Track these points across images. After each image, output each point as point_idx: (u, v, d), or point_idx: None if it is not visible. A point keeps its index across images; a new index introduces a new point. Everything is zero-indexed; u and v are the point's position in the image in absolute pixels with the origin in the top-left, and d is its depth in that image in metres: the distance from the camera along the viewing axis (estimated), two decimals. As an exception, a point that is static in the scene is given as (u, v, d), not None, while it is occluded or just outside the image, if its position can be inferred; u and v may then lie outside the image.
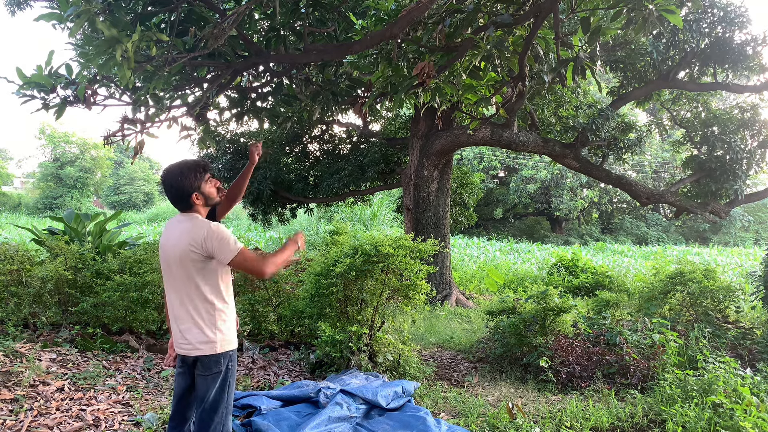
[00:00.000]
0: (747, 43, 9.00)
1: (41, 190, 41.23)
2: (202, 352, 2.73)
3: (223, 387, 2.79)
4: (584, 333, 6.03)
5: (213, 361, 2.75)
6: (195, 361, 2.77)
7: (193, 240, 2.68)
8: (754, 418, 3.93)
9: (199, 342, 2.73)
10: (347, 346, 5.24)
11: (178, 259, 2.72)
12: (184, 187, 2.76)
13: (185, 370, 2.83)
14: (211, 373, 2.74)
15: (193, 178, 2.79)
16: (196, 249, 2.68)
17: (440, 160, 10.50)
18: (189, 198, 2.78)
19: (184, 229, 2.73)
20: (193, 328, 2.74)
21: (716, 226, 32.17)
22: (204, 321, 2.74)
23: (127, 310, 6.13)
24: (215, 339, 2.75)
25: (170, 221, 2.91)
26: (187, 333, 2.75)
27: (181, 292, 2.76)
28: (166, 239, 2.83)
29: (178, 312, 2.78)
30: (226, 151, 12.91)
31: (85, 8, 2.36)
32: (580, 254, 14.39)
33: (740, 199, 10.08)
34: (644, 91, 10.22)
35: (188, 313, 2.75)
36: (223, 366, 2.78)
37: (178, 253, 2.71)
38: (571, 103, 10.98)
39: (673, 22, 3.31)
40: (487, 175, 31.70)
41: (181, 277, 2.74)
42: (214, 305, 2.76)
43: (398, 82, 3.93)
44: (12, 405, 4.09)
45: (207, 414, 2.76)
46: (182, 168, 2.81)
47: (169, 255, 2.77)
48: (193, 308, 2.74)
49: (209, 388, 2.75)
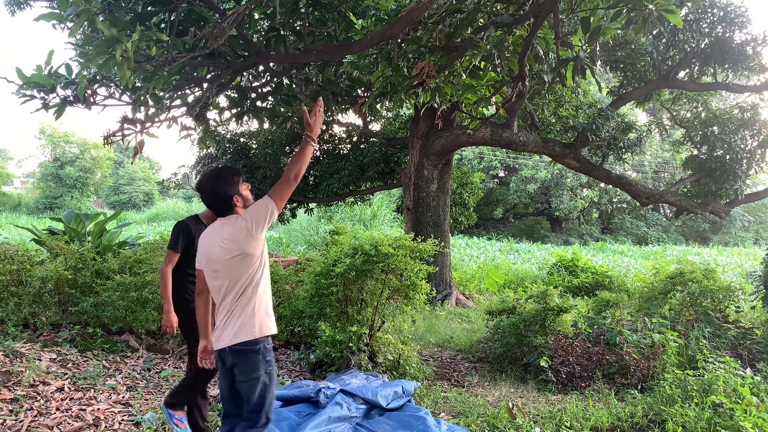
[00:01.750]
0: (747, 43, 9.00)
1: (41, 190, 41.23)
2: (242, 338, 2.80)
3: (265, 388, 2.86)
4: (584, 333, 6.03)
5: (251, 360, 2.82)
6: (232, 366, 2.84)
7: (245, 234, 2.78)
8: (754, 418, 3.93)
9: (240, 328, 2.82)
10: (347, 346, 5.24)
11: (229, 259, 2.81)
12: (225, 191, 2.89)
13: (225, 371, 2.91)
14: (249, 378, 2.82)
15: (232, 182, 2.91)
16: (249, 236, 2.78)
17: (440, 160, 10.50)
18: (230, 201, 2.89)
19: (233, 231, 2.82)
20: (242, 320, 2.82)
21: (716, 226, 32.17)
22: (253, 312, 2.84)
23: (127, 310, 6.13)
24: (254, 326, 2.83)
25: (212, 227, 2.96)
26: (228, 327, 2.83)
27: (231, 294, 2.84)
28: (210, 243, 2.90)
29: (227, 313, 2.85)
30: (226, 151, 12.91)
31: (85, 8, 2.37)
32: (580, 254, 14.39)
33: (740, 199, 10.07)
34: (644, 91, 10.21)
35: (240, 308, 2.83)
36: (262, 368, 2.84)
37: (231, 251, 2.80)
38: (571, 103, 10.98)
39: (673, 22, 3.31)
40: (487, 175, 31.70)
41: (233, 275, 2.82)
42: (257, 298, 2.87)
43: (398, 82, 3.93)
44: (12, 405, 4.09)
45: (251, 414, 2.85)
46: (220, 173, 2.95)
47: (218, 257, 2.84)
48: (243, 302, 2.83)
49: (251, 391, 2.83)
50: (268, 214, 2.80)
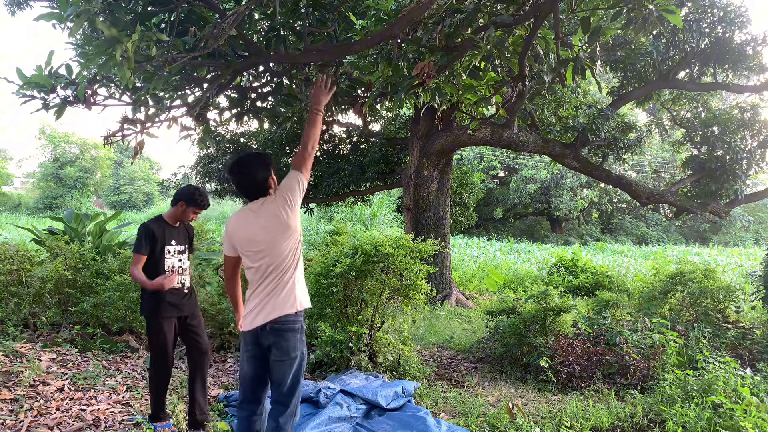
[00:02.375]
0: (747, 43, 9.00)
1: (41, 190, 41.21)
2: (283, 311, 2.89)
3: (300, 368, 2.95)
4: (584, 333, 6.03)
5: (292, 340, 2.90)
6: (269, 346, 2.91)
7: (285, 208, 2.91)
8: (754, 418, 3.92)
9: (286, 305, 2.91)
10: (347, 346, 5.24)
11: (273, 237, 2.91)
12: (262, 175, 3.00)
13: (257, 353, 2.97)
14: (288, 357, 2.88)
15: (266, 166, 3.03)
16: (289, 211, 2.93)
17: (440, 160, 10.49)
18: (265, 183, 3.01)
19: (270, 209, 2.94)
20: (283, 295, 2.92)
21: (716, 226, 32.17)
22: (293, 286, 2.95)
23: (127, 310, 6.13)
24: (297, 299, 2.95)
25: (243, 212, 3.05)
26: (275, 300, 2.92)
27: (275, 275, 2.92)
28: (247, 227, 2.98)
29: (269, 294, 2.93)
30: (226, 151, 12.90)
31: (85, 8, 2.37)
32: (580, 254, 14.39)
33: (740, 199, 10.07)
34: (644, 91, 10.21)
35: (282, 291, 2.92)
36: (300, 347, 2.93)
37: (276, 229, 2.91)
38: (571, 103, 10.97)
39: (673, 22, 3.31)
40: (487, 175, 31.68)
41: (279, 252, 2.91)
42: (301, 275, 3.02)
43: (398, 82, 3.93)
44: (12, 405, 4.09)
45: (285, 397, 2.92)
46: (256, 158, 3.07)
47: (262, 238, 2.93)
48: (287, 286, 2.93)
49: (286, 372, 2.90)
50: (299, 185, 2.97)
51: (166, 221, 4.04)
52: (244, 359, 3.02)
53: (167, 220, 4.05)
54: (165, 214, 4.10)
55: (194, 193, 4.00)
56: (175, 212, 4.03)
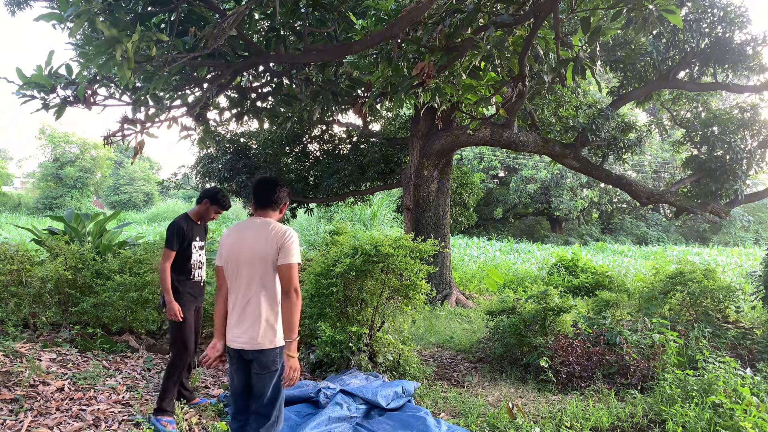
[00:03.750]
0: (747, 43, 9.00)
1: (41, 190, 41.20)
2: (262, 346, 2.93)
3: (279, 380, 2.99)
4: (584, 333, 6.03)
5: (271, 356, 2.95)
6: (251, 360, 2.96)
7: (277, 239, 2.93)
8: (754, 418, 3.93)
9: (262, 337, 2.93)
10: (347, 346, 5.24)
11: (259, 257, 2.94)
12: (283, 196, 3.15)
13: (242, 366, 3.02)
14: (268, 371, 2.94)
15: (287, 192, 3.19)
16: (277, 248, 2.94)
17: (440, 160, 10.49)
18: (279, 205, 3.14)
19: (268, 231, 2.97)
20: (258, 323, 2.94)
21: (716, 226, 32.17)
22: (269, 317, 2.96)
23: (127, 310, 6.13)
24: (275, 334, 2.96)
25: (243, 224, 3.11)
26: (251, 329, 2.94)
27: (252, 290, 2.96)
28: (239, 240, 3.03)
29: (245, 309, 2.96)
30: (226, 151, 12.90)
31: (85, 8, 2.37)
32: (580, 254, 14.38)
33: (740, 199, 10.07)
34: (644, 91, 10.21)
35: (257, 310, 2.95)
36: (279, 361, 2.97)
37: (260, 251, 2.94)
38: (571, 103, 10.97)
39: (673, 22, 3.31)
40: (487, 175, 31.69)
41: (255, 275, 2.95)
42: (276, 302, 2.98)
43: (398, 82, 3.93)
44: (12, 405, 4.09)
45: (265, 408, 2.97)
46: (283, 182, 3.22)
47: (244, 254, 2.98)
48: (262, 305, 2.95)
49: (266, 385, 2.95)
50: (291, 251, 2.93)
51: (192, 219, 4.35)
52: (232, 372, 3.08)
53: (192, 218, 4.35)
54: (190, 211, 4.40)
55: (218, 193, 4.36)
56: (199, 210, 4.35)
